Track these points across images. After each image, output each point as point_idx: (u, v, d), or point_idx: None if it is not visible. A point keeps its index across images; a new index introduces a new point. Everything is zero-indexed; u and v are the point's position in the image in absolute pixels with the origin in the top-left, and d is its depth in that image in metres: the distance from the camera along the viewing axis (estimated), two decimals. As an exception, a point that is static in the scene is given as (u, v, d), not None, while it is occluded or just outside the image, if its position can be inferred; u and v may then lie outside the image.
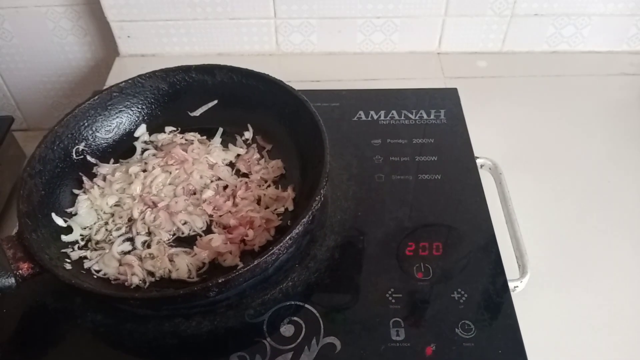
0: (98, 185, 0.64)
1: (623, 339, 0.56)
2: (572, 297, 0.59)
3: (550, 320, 0.57)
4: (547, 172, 0.72)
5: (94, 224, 0.61)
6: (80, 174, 0.65)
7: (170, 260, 0.57)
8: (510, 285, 0.56)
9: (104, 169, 0.66)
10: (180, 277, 0.56)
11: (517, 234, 0.62)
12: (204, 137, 0.70)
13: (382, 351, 0.51)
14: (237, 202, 0.62)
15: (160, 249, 0.58)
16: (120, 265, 0.57)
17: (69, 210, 0.62)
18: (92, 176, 0.65)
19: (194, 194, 0.64)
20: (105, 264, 0.57)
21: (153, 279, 0.56)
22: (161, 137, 0.70)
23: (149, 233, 0.60)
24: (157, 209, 0.61)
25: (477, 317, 0.53)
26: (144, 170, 0.66)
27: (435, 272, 0.57)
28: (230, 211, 0.61)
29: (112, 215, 0.62)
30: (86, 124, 0.66)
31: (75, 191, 0.64)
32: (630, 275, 0.61)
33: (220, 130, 0.70)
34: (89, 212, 0.62)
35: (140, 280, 0.56)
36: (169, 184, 0.64)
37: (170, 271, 0.56)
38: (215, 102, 0.71)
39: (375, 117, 0.74)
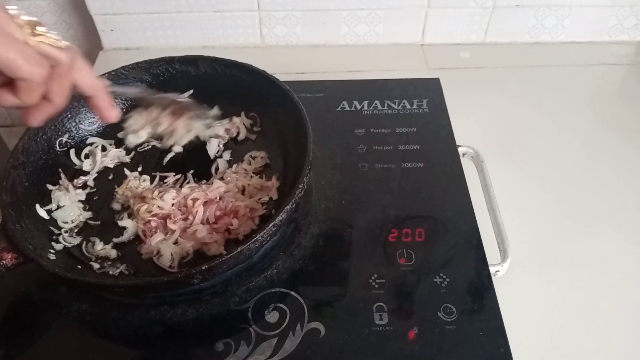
0: (74, 186, 0.63)
1: (602, 322, 0.57)
2: (552, 281, 0.61)
3: (530, 303, 0.58)
4: (528, 160, 0.73)
5: (77, 217, 0.61)
6: (59, 170, 0.64)
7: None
8: (492, 269, 0.57)
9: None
10: (162, 264, 0.56)
11: (499, 220, 0.63)
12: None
13: (365, 335, 0.52)
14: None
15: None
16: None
17: (53, 202, 0.62)
18: (73, 172, 0.65)
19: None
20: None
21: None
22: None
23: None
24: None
25: (459, 301, 0.54)
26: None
27: (418, 257, 0.58)
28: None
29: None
30: (69, 115, 0.66)
31: (49, 187, 0.63)
32: (609, 259, 0.62)
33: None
34: (71, 205, 0.62)
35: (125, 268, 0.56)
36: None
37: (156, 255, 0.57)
38: (191, 91, 0.69)
39: (359, 107, 0.75)
